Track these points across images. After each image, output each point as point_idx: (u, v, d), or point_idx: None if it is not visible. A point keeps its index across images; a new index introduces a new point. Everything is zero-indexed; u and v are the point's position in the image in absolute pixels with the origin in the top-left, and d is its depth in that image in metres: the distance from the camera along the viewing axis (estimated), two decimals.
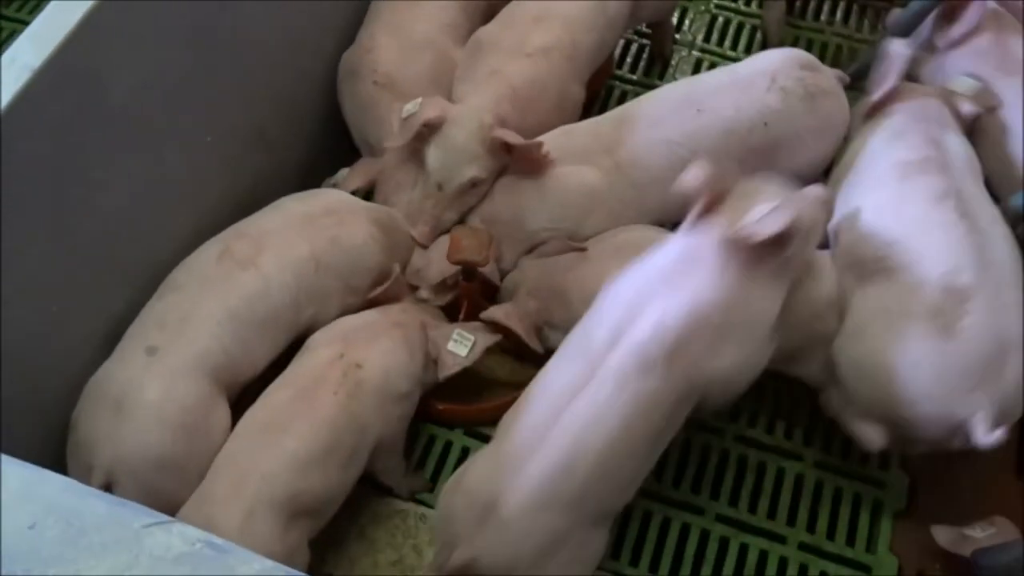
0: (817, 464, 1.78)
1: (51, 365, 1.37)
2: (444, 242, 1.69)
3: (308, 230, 1.61)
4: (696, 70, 2.30)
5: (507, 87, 1.73)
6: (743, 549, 1.69)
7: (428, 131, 1.68)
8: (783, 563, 1.68)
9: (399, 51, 1.84)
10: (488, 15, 1.96)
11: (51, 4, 1.16)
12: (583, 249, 1.67)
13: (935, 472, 1.75)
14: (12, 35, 2.32)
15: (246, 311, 1.50)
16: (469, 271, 1.68)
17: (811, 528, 1.71)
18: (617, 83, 2.29)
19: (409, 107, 1.68)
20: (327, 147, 1.96)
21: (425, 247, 1.75)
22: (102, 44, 1.21)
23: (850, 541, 1.70)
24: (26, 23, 1.16)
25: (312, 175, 1.91)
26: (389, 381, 1.54)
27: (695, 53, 2.36)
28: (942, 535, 1.55)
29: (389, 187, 1.80)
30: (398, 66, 1.83)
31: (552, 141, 1.71)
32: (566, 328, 1.50)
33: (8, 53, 1.12)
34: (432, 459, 1.78)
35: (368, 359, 1.52)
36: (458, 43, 1.92)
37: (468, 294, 1.74)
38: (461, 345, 1.61)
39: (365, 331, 1.58)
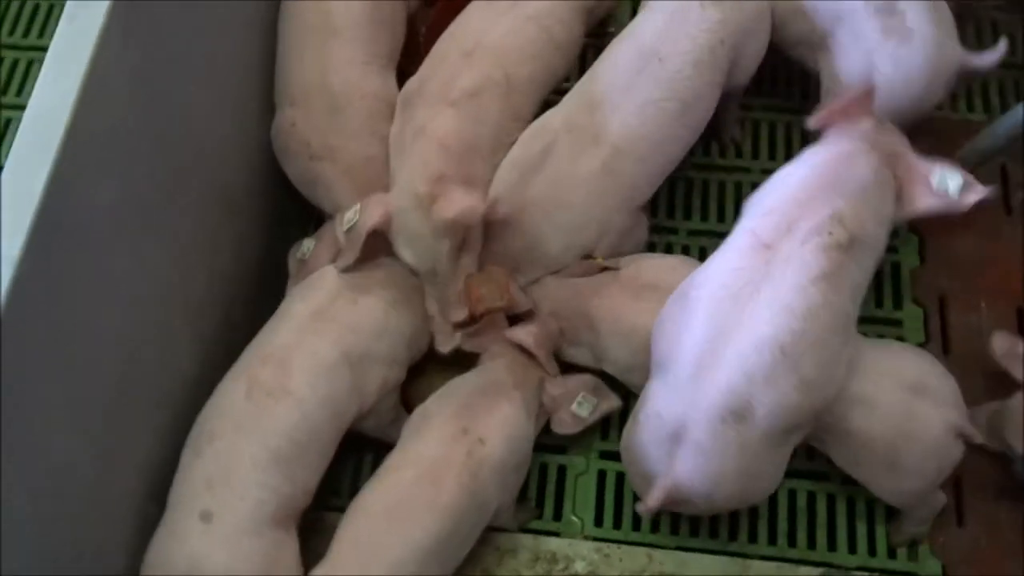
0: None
1: (92, 526, 1.33)
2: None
3: (325, 329, 1.53)
4: None
5: (435, 145, 1.58)
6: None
7: (382, 233, 1.57)
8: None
9: (324, 115, 1.68)
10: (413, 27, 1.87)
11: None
12: (615, 268, 1.64)
13: None
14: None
15: (289, 447, 1.43)
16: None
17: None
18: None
19: (349, 216, 1.58)
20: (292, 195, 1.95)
21: (474, 317, 1.62)
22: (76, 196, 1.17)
23: None
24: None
25: (284, 226, 1.92)
26: (511, 452, 1.52)
27: None
28: (1000, 344, 1.61)
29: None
30: (329, 132, 1.68)
31: (528, 156, 1.65)
32: (592, 349, 1.57)
33: None
34: (533, 482, 1.78)
35: (491, 433, 1.50)
36: (389, 69, 1.80)
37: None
38: (585, 407, 1.63)
39: (486, 397, 1.54)
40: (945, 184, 1.47)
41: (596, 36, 2.17)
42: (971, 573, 1.67)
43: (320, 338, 1.52)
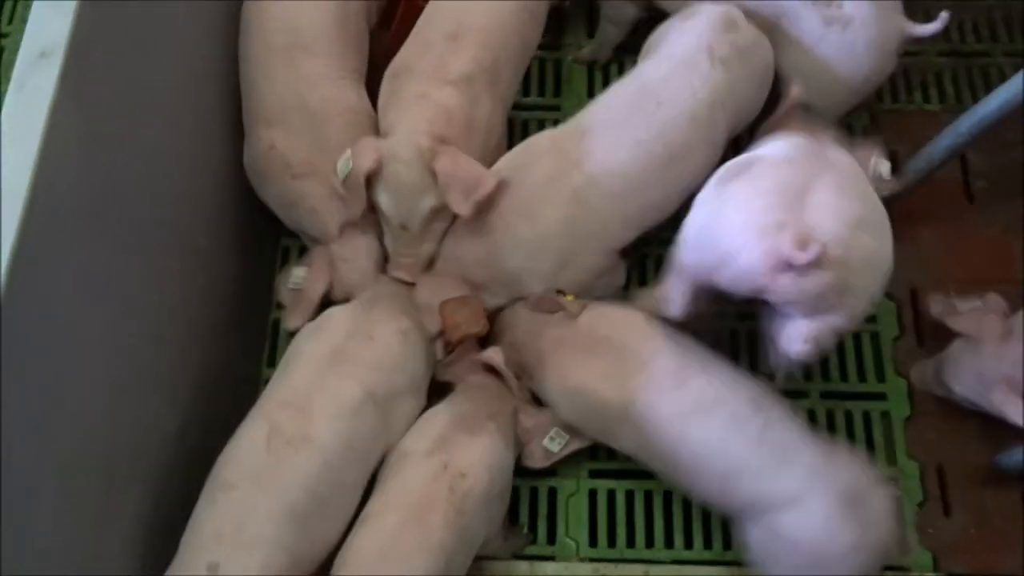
0: (823, 395, 1.86)
1: None
2: (424, 295, 1.65)
3: (346, 370, 1.49)
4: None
5: (440, 110, 1.60)
6: None
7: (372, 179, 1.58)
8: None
9: (304, 133, 1.66)
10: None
11: None
12: (573, 315, 1.62)
13: None
14: None
15: (307, 501, 1.38)
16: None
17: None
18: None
19: (341, 165, 1.58)
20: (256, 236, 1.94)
21: (412, 283, 1.66)
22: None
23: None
24: None
25: (250, 268, 1.90)
26: (493, 482, 1.51)
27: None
28: (935, 306, 1.70)
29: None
30: (310, 149, 1.66)
31: (511, 167, 1.65)
32: (540, 392, 1.61)
33: None
34: (524, 507, 1.78)
35: (471, 466, 1.47)
36: (360, 83, 1.78)
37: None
38: (556, 442, 1.62)
39: (461, 430, 1.52)
40: (879, 170, 1.54)
41: (551, 49, 2.22)
42: (962, 562, 1.70)
43: (342, 380, 1.47)
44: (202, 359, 1.62)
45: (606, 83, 2.14)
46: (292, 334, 1.67)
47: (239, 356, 1.83)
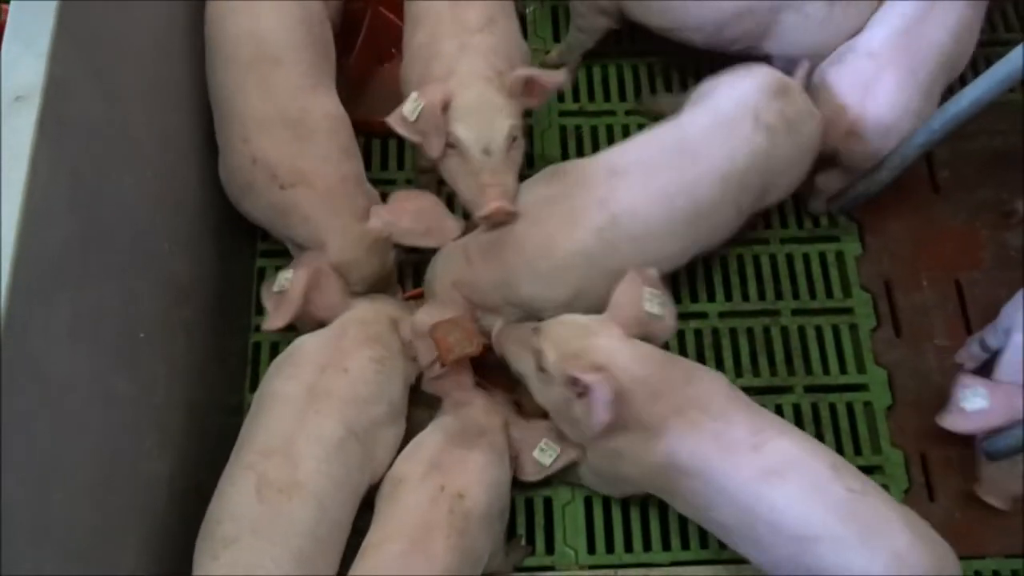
0: (807, 389, 1.90)
1: None
2: (421, 321, 1.61)
3: (325, 408, 1.47)
4: None
5: (485, 50, 1.64)
6: None
7: (442, 117, 1.56)
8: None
9: (288, 143, 1.64)
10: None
11: None
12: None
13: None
14: None
15: (311, 545, 1.37)
16: None
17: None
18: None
19: (408, 107, 1.56)
20: (235, 259, 1.91)
21: (513, 211, 1.60)
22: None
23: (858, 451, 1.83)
24: None
25: (227, 301, 1.87)
26: (492, 500, 1.50)
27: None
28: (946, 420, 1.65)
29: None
30: (298, 158, 1.64)
31: (536, 195, 1.64)
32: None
33: None
34: (520, 518, 1.77)
35: (468, 486, 1.46)
36: (333, 89, 1.76)
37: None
38: (547, 455, 1.61)
39: (454, 450, 1.50)
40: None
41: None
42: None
43: (322, 419, 1.45)
44: (187, 395, 1.58)
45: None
46: (271, 356, 1.64)
47: (222, 386, 1.79)
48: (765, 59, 1.88)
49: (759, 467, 1.42)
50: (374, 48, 2.09)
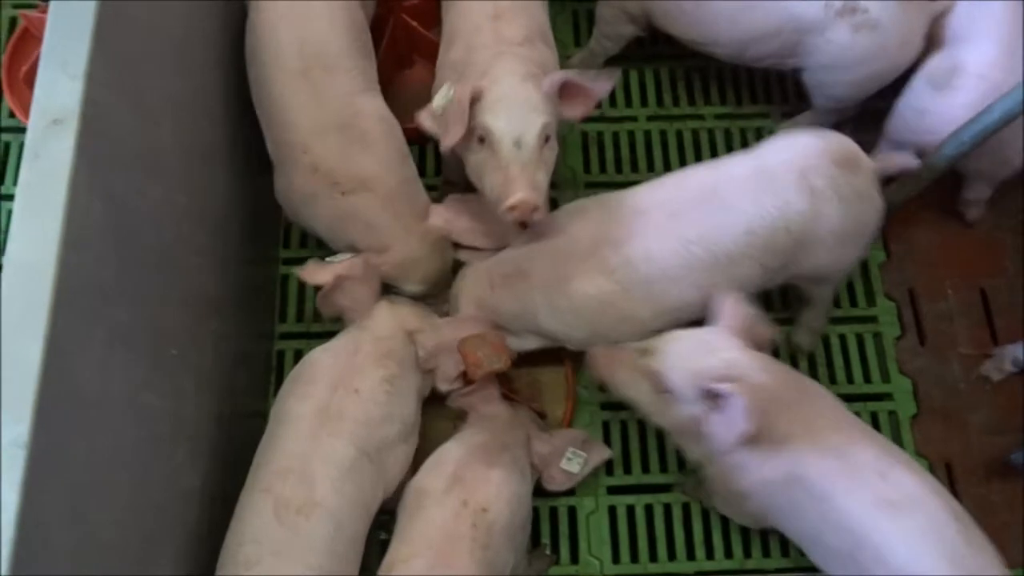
0: None
1: None
2: (447, 336, 1.62)
3: (337, 429, 1.48)
4: None
5: (522, 57, 1.60)
6: None
7: (472, 110, 1.51)
8: None
9: (346, 150, 1.64)
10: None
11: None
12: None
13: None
14: None
15: (331, 562, 1.40)
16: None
17: None
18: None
19: (439, 101, 1.53)
20: (259, 268, 1.92)
21: (539, 207, 1.51)
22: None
23: None
24: None
25: (253, 312, 1.87)
26: (514, 513, 1.50)
27: None
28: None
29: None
30: (354, 162, 1.64)
31: (559, 231, 1.62)
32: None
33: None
34: (545, 527, 1.78)
35: (491, 500, 1.47)
36: (379, 93, 1.76)
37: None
38: (574, 463, 1.62)
39: (477, 465, 1.51)
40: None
41: None
42: None
43: (335, 439, 1.47)
44: (215, 406, 1.58)
45: None
46: (295, 362, 1.65)
47: (247, 394, 1.80)
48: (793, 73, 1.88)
49: (881, 495, 1.37)
50: (396, 54, 2.09)
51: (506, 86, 1.52)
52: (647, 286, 1.56)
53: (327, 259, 1.67)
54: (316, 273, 1.61)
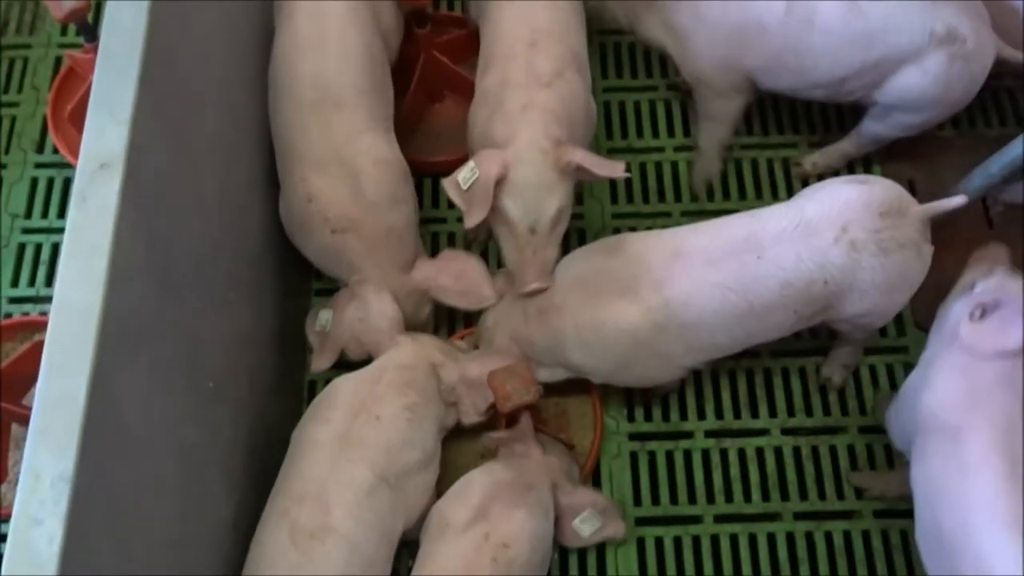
0: (861, 429, 1.89)
1: None
2: (473, 370, 1.66)
3: (356, 455, 1.50)
4: None
5: (547, 113, 1.64)
6: None
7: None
8: None
9: (341, 187, 1.68)
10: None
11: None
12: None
13: None
14: None
15: None
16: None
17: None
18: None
19: (465, 175, 1.59)
20: (292, 297, 1.95)
21: (546, 288, 1.65)
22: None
23: None
24: None
25: (288, 341, 1.91)
26: (534, 550, 1.52)
27: None
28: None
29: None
30: (347, 202, 1.68)
31: (595, 265, 1.66)
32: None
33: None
34: (573, 560, 1.77)
35: (513, 536, 1.48)
36: (391, 132, 1.80)
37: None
38: (588, 525, 1.64)
39: (501, 500, 1.52)
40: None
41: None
42: None
43: (353, 465, 1.49)
44: (248, 437, 1.62)
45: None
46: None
47: (279, 425, 1.82)
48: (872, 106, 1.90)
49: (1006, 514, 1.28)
50: (427, 89, 2.13)
51: (526, 171, 1.58)
52: (681, 328, 1.59)
53: (316, 325, 1.77)
54: (323, 359, 1.73)
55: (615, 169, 1.60)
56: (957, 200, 1.57)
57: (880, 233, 1.52)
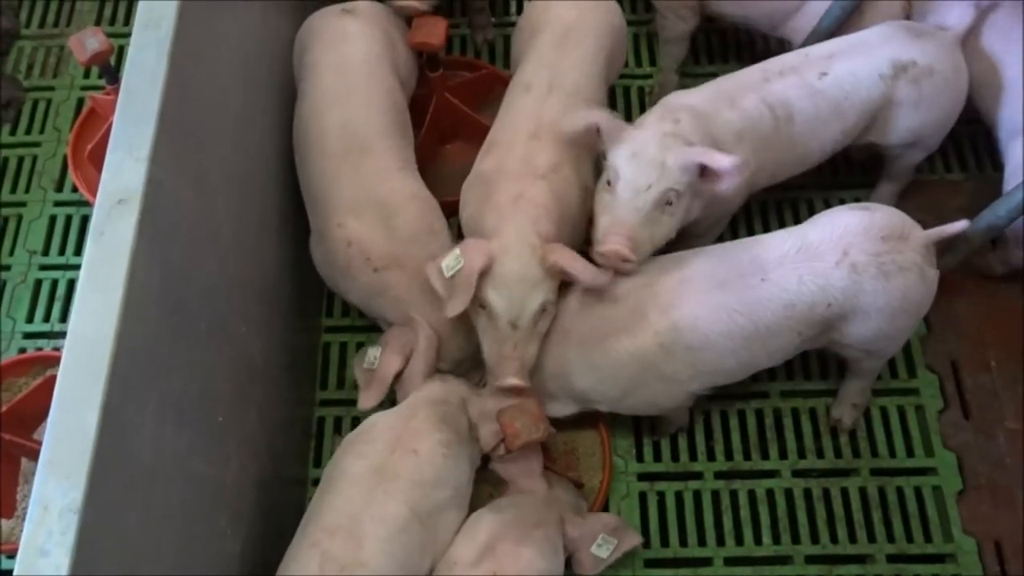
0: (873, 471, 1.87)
1: None
2: (489, 404, 1.65)
3: (391, 488, 1.50)
4: None
5: (538, 207, 1.65)
6: None
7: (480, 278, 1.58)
8: None
9: (379, 226, 1.72)
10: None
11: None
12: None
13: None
14: None
15: None
16: None
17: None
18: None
19: (449, 263, 1.58)
20: (303, 337, 1.97)
21: (523, 386, 1.61)
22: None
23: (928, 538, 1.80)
24: None
25: (296, 373, 1.92)
26: None
27: None
28: None
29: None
30: (387, 241, 1.71)
31: (602, 292, 1.64)
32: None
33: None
34: None
35: (519, 574, 1.48)
36: (416, 170, 1.84)
37: None
38: (604, 548, 1.63)
39: (508, 538, 1.52)
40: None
41: None
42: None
43: (388, 498, 1.48)
44: (256, 472, 1.62)
45: None
46: (335, 430, 1.71)
47: (287, 460, 1.83)
48: None
49: None
50: (438, 130, 2.17)
51: (512, 265, 1.57)
52: (688, 352, 1.60)
53: (364, 363, 1.75)
54: (369, 398, 1.70)
55: (598, 277, 1.59)
56: (959, 225, 1.59)
57: (881, 256, 1.54)
